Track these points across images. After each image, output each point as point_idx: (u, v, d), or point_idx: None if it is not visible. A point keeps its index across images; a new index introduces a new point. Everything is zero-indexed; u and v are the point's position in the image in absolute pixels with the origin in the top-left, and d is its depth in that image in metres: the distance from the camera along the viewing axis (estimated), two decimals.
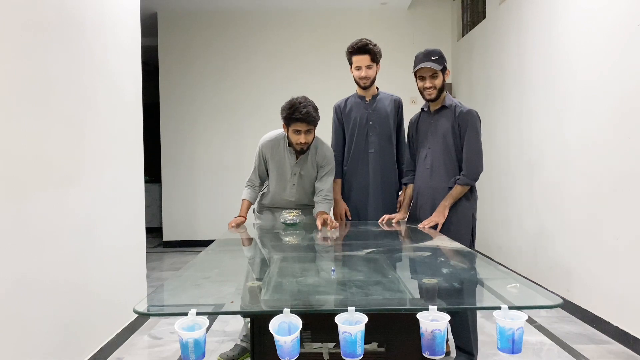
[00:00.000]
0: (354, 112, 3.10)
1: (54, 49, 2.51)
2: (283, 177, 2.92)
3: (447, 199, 2.68)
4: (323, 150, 2.91)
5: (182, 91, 6.86)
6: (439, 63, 2.63)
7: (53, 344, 2.45)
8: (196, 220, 6.93)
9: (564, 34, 3.87)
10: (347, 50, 3.03)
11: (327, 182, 2.91)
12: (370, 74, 3.01)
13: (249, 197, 3.01)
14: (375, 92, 3.12)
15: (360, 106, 3.10)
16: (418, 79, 2.70)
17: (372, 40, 3.02)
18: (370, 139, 3.07)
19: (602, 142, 3.36)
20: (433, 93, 2.68)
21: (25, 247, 2.23)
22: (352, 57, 3.01)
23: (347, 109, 3.13)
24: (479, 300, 1.66)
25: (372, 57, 2.98)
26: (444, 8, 6.85)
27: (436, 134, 2.73)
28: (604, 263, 3.34)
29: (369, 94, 3.10)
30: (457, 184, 2.68)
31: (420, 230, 2.70)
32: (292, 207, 2.97)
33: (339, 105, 3.18)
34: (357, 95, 3.14)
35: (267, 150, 2.92)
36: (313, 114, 2.69)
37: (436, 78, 2.66)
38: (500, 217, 5.21)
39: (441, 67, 2.64)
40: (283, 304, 1.41)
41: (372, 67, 3.01)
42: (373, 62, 3.00)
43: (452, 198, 2.68)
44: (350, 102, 3.14)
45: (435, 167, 2.74)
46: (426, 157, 2.76)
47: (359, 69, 3.01)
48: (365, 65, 2.99)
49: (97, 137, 2.99)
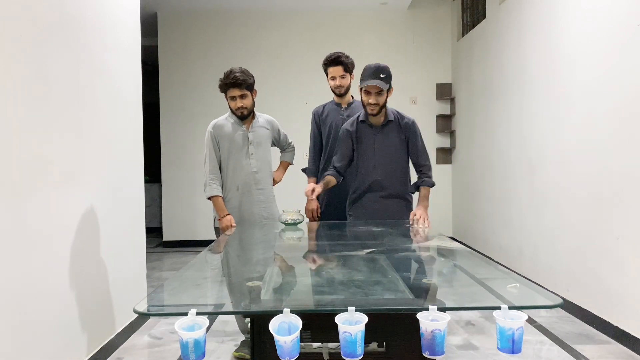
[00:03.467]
0: (330, 117, 3.33)
1: (53, 49, 2.51)
2: (239, 148, 2.99)
3: (424, 201, 2.86)
4: (264, 117, 3.14)
5: (182, 91, 6.86)
6: (386, 82, 2.73)
7: (53, 344, 2.45)
8: (196, 220, 6.93)
9: (564, 34, 3.87)
10: (323, 62, 3.26)
11: (284, 138, 3.25)
12: (344, 83, 3.25)
13: (220, 193, 2.96)
14: (350, 99, 3.36)
15: (336, 112, 3.33)
16: (363, 92, 2.77)
17: (345, 53, 3.25)
18: None
19: (602, 142, 3.36)
20: (375, 109, 2.78)
21: (25, 246, 2.23)
22: (328, 69, 3.25)
23: (324, 115, 3.37)
24: (479, 300, 1.66)
25: (345, 68, 3.22)
26: (444, 8, 6.85)
27: (385, 147, 2.87)
28: (604, 263, 3.35)
29: (345, 101, 3.33)
30: (425, 185, 2.89)
31: (419, 231, 2.71)
32: (256, 182, 3.00)
33: (317, 111, 3.40)
34: (333, 102, 3.37)
35: (216, 130, 3.00)
36: (244, 77, 2.88)
37: (381, 96, 2.75)
38: (500, 217, 5.21)
39: (387, 87, 2.74)
40: (283, 304, 1.41)
41: (346, 76, 3.25)
42: (346, 73, 3.24)
43: (427, 199, 2.87)
44: (327, 109, 3.38)
45: (387, 175, 2.88)
46: (375, 167, 2.88)
47: (333, 79, 3.25)
48: (339, 76, 3.23)
49: (97, 137, 2.99)
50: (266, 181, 3.06)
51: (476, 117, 5.93)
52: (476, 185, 5.99)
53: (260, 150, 3.03)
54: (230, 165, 2.98)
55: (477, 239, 5.99)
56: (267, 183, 3.07)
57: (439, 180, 7.01)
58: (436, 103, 6.93)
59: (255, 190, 3.00)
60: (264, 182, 3.04)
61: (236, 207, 2.99)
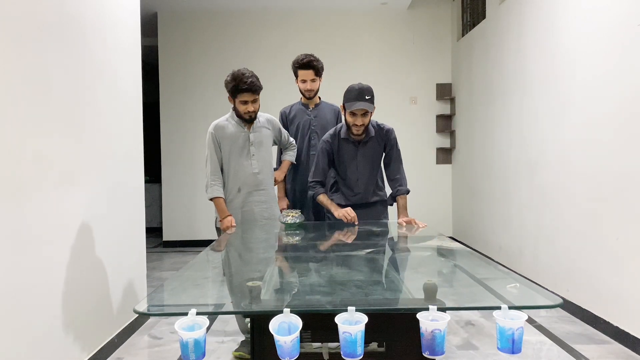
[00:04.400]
0: (298, 117, 3.40)
1: (53, 49, 2.51)
2: (240, 149, 2.97)
3: (404, 211, 2.94)
4: (264, 116, 3.11)
5: (182, 91, 6.86)
6: (371, 102, 2.75)
7: (53, 343, 2.45)
8: (196, 220, 6.93)
9: (564, 33, 3.87)
10: (293, 65, 3.30)
11: (287, 138, 3.23)
12: (314, 87, 3.31)
13: (221, 194, 2.95)
14: (317, 101, 3.43)
15: (303, 113, 3.40)
16: (348, 114, 2.77)
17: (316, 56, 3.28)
18: (312, 142, 3.36)
19: (602, 142, 3.36)
20: (361, 130, 2.82)
21: (25, 246, 2.23)
22: (298, 71, 3.29)
23: (292, 115, 3.43)
24: (479, 300, 1.66)
25: (316, 72, 3.26)
26: (444, 8, 6.85)
27: (366, 161, 2.94)
28: (604, 263, 3.35)
29: (312, 102, 3.41)
30: (402, 194, 2.96)
31: (419, 231, 2.71)
32: (257, 183, 2.98)
33: (285, 111, 3.47)
34: (301, 103, 3.44)
35: (217, 131, 2.98)
36: (257, 82, 2.85)
37: (366, 116, 2.78)
38: (500, 216, 5.21)
39: (373, 107, 2.77)
40: (283, 304, 1.41)
41: (316, 80, 3.30)
42: (316, 76, 3.28)
43: (405, 209, 2.95)
44: (294, 109, 3.44)
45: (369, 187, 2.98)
46: (357, 181, 2.96)
47: (304, 82, 3.29)
48: (309, 79, 3.27)
49: (97, 137, 2.99)
50: (267, 182, 3.05)
51: (476, 117, 5.93)
52: (476, 185, 5.99)
53: (262, 151, 3.02)
54: (231, 166, 2.97)
55: (477, 239, 5.99)
56: (268, 184, 3.06)
57: (439, 180, 7.06)
58: (436, 103, 6.93)
59: (256, 192, 2.99)
60: (265, 183, 3.03)
61: (238, 209, 2.98)
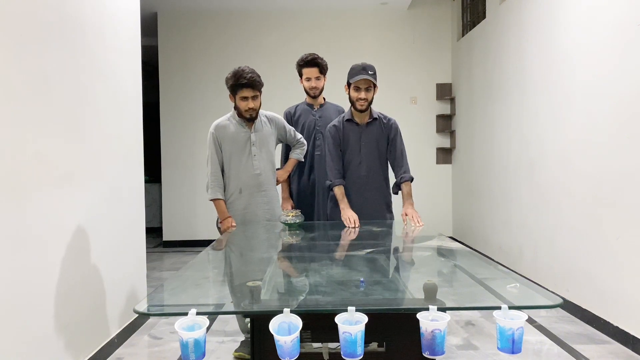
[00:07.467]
0: (303, 117, 3.40)
1: (53, 49, 2.50)
2: (241, 149, 2.94)
3: (409, 198, 2.94)
4: (267, 115, 3.08)
5: (182, 91, 6.86)
6: (374, 78, 2.81)
7: (53, 343, 2.45)
8: (196, 220, 6.93)
9: (564, 33, 3.87)
10: (298, 63, 3.30)
11: (293, 135, 3.16)
12: (319, 85, 3.31)
13: (222, 196, 2.93)
14: (322, 101, 3.43)
15: (308, 113, 3.40)
16: (353, 89, 2.85)
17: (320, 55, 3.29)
18: (317, 143, 3.36)
19: (602, 141, 3.36)
20: (365, 104, 2.86)
21: (24, 246, 2.23)
22: (303, 70, 3.29)
23: (297, 115, 3.42)
24: (479, 300, 1.66)
25: (321, 70, 3.27)
26: (444, 8, 6.85)
27: (369, 144, 2.97)
28: (604, 263, 3.35)
29: (317, 102, 3.40)
30: (406, 181, 2.97)
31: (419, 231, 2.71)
32: (258, 184, 2.96)
33: (290, 111, 3.46)
34: (306, 103, 3.43)
35: (219, 131, 2.96)
36: (257, 78, 2.83)
37: (370, 91, 2.84)
38: (501, 216, 5.21)
39: (375, 82, 2.83)
40: (283, 304, 1.41)
41: (321, 78, 3.30)
42: (321, 74, 3.29)
43: (410, 196, 2.96)
44: (299, 109, 3.44)
45: (371, 172, 2.99)
46: (360, 164, 2.97)
47: (309, 80, 3.30)
48: (314, 77, 3.28)
49: (97, 137, 2.99)
50: (269, 183, 3.03)
51: (476, 117, 5.93)
52: (476, 185, 5.99)
53: (263, 151, 2.98)
54: (232, 167, 2.94)
55: (477, 239, 5.99)
56: (270, 184, 3.04)
57: (439, 181, 7.06)
58: (436, 103, 6.93)
59: (257, 193, 2.97)
60: (267, 184, 3.00)
61: (239, 210, 2.96)
